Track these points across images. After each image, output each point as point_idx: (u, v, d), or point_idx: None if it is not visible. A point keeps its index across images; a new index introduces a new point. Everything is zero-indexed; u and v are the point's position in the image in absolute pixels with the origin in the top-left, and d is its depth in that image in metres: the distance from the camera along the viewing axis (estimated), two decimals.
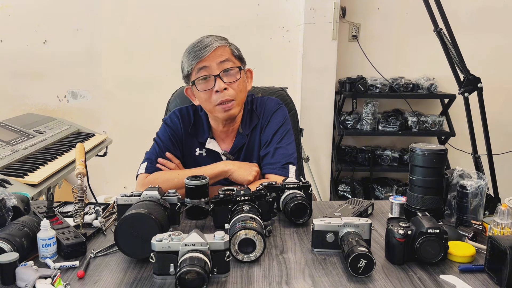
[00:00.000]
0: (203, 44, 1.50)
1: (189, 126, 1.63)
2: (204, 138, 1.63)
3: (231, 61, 1.52)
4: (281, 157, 1.56)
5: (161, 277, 0.97)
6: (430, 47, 2.66)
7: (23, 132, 2.16)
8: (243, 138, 1.62)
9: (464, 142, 2.71)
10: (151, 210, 1.05)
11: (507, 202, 1.20)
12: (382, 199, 3.30)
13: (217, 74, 1.49)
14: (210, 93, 1.50)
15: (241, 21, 3.32)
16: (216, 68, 1.49)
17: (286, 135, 1.60)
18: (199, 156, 1.63)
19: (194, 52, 1.50)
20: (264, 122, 1.62)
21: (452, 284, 0.98)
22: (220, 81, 1.49)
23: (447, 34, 1.47)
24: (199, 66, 1.50)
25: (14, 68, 3.40)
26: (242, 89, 1.54)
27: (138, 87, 3.43)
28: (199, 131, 1.63)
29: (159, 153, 1.59)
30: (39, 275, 0.95)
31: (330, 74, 3.33)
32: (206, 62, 1.49)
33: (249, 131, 1.62)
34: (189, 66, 1.52)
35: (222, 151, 1.62)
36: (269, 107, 1.64)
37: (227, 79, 1.50)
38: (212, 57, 1.49)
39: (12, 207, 1.13)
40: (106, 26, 3.37)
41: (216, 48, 1.49)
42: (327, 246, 1.12)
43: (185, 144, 1.64)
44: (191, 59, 1.50)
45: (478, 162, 1.48)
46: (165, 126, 1.64)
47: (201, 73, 1.50)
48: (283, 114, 1.64)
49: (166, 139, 1.61)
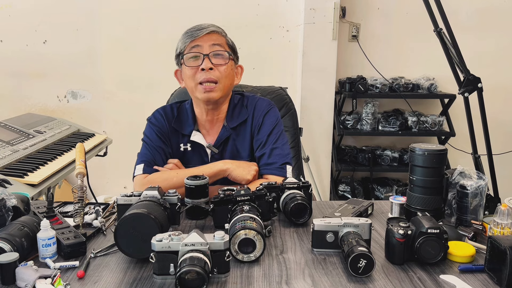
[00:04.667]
0: (201, 26, 1.56)
1: (173, 121, 1.63)
2: (188, 130, 1.62)
3: (223, 48, 1.56)
4: (278, 158, 1.56)
5: (161, 277, 0.97)
6: (430, 47, 2.66)
7: (23, 132, 2.16)
8: (227, 131, 1.61)
9: (464, 142, 2.72)
10: (151, 210, 1.05)
11: (507, 202, 1.20)
12: (382, 199, 3.30)
13: (207, 54, 1.52)
14: (195, 70, 1.53)
15: (241, 21, 3.31)
16: (207, 48, 1.53)
17: (280, 135, 1.61)
18: (184, 152, 1.62)
19: (190, 32, 1.55)
20: (256, 122, 1.62)
21: (452, 284, 0.98)
22: (208, 60, 1.52)
23: (447, 34, 1.47)
24: (191, 45, 1.54)
25: (14, 68, 3.40)
26: (227, 75, 1.56)
27: (138, 87, 3.43)
28: (183, 124, 1.63)
29: (151, 152, 1.58)
30: (39, 275, 0.95)
31: (330, 74, 3.33)
32: (199, 42, 1.53)
33: (235, 125, 1.61)
34: (183, 44, 1.56)
35: (206, 144, 1.61)
36: (260, 107, 1.64)
37: (215, 61, 1.53)
38: (206, 38, 1.53)
39: (12, 207, 1.13)
40: (106, 26, 3.37)
41: (211, 32, 1.55)
42: (327, 246, 1.12)
43: (171, 140, 1.63)
44: (186, 37, 1.55)
45: (478, 162, 1.48)
46: (150, 125, 1.64)
47: (193, 50, 1.54)
48: (275, 115, 1.64)
49: (154, 137, 1.60)
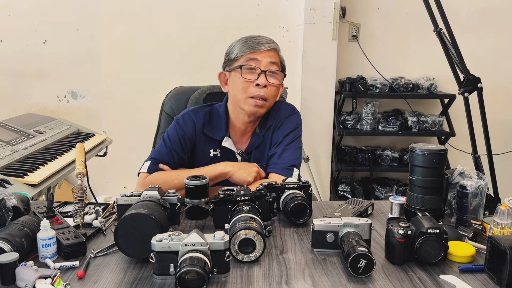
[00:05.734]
0: (262, 39, 1.57)
1: (204, 126, 1.61)
2: (220, 136, 1.61)
3: (278, 67, 1.58)
4: (288, 159, 1.57)
5: (161, 277, 0.97)
6: (430, 47, 2.66)
7: (23, 132, 2.16)
8: (259, 139, 1.63)
9: (464, 142, 2.71)
10: (151, 210, 1.05)
11: (507, 202, 1.20)
12: (382, 199, 3.30)
13: (265, 71, 1.54)
14: (249, 84, 1.54)
15: (241, 21, 3.31)
16: (265, 65, 1.54)
17: (296, 139, 1.63)
18: (214, 157, 1.61)
19: (252, 42, 1.56)
20: (277, 123, 1.63)
21: (452, 284, 0.98)
22: (264, 77, 1.53)
23: (447, 34, 1.47)
24: (250, 56, 1.54)
25: (14, 68, 3.40)
26: (275, 95, 1.59)
27: (138, 87, 3.43)
28: (215, 129, 1.62)
29: (166, 153, 1.57)
30: (39, 275, 0.95)
31: (330, 74, 3.33)
32: (258, 56, 1.54)
33: (264, 132, 1.64)
34: (240, 52, 1.56)
35: (237, 150, 1.62)
36: (284, 111, 1.66)
37: (270, 80, 1.55)
38: (266, 54, 1.55)
39: (12, 207, 1.12)
40: (106, 26, 3.37)
41: (271, 49, 1.57)
42: (327, 246, 1.12)
43: (197, 145, 1.61)
44: (246, 46, 1.55)
45: (478, 162, 1.48)
46: (176, 125, 1.61)
47: (250, 63, 1.54)
48: (296, 120, 1.66)
49: (175, 139, 1.58)
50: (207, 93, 1.87)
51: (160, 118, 1.87)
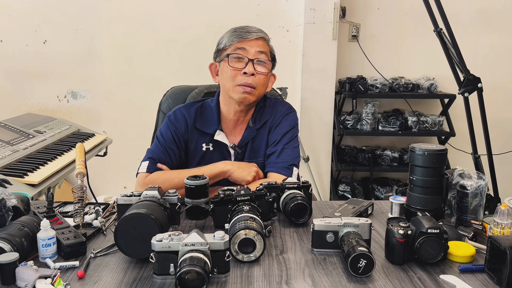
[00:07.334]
0: (250, 29, 1.58)
1: (196, 120, 1.62)
2: (212, 129, 1.61)
3: (267, 56, 1.58)
4: (287, 158, 1.57)
5: (161, 277, 0.97)
6: (430, 47, 2.67)
7: (23, 132, 2.16)
8: (252, 132, 1.62)
9: (464, 142, 2.71)
10: (151, 210, 1.05)
11: (507, 202, 1.20)
12: (382, 199, 3.30)
13: (252, 59, 1.54)
14: (237, 72, 1.54)
15: (241, 21, 3.26)
16: (253, 54, 1.55)
17: (294, 138, 1.63)
18: (206, 151, 1.62)
19: (240, 32, 1.57)
20: (274, 121, 1.63)
21: (452, 284, 0.98)
22: (252, 65, 1.54)
23: (447, 34, 1.47)
24: (238, 46, 1.55)
25: (14, 68, 3.40)
26: (264, 83, 1.59)
27: (138, 87, 3.43)
28: (207, 123, 1.62)
29: (162, 151, 1.57)
30: (39, 275, 0.95)
31: (330, 74, 3.33)
32: (246, 45, 1.55)
33: (259, 127, 1.63)
34: (229, 41, 1.57)
35: (230, 144, 1.61)
36: (281, 108, 1.66)
37: (258, 68, 1.56)
38: (254, 43, 1.56)
39: (12, 207, 1.12)
40: (106, 26, 3.37)
41: (260, 38, 1.57)
42: (327, 246, 1.12)
43: (190, 141, 1.62)
44: (234, 36, 1.56)
45: (478, 162, 1.48)
46: (168, 122, 1.62)
47: (238, 52, 1.55)
48: (294, 119, 1.66)
49: (169, 136, 1.59)
50: (204, 92, 1.86)
51: (157, 118, 1.86)
